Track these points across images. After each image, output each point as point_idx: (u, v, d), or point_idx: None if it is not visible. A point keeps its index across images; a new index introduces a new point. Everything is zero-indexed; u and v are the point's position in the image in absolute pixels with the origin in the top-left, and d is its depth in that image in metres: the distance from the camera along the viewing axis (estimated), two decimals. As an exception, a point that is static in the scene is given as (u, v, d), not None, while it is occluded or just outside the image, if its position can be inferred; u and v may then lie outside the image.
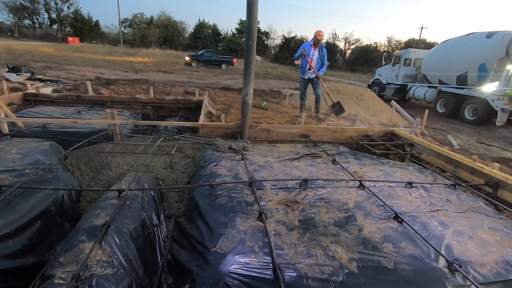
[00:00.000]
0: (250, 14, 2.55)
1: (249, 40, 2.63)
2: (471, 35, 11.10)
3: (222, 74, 20.00)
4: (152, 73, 16.15)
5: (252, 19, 2.56)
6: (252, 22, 2.57)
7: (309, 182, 1.94)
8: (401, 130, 3.60)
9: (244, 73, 2.76)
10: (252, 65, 2.74)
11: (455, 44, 11.59)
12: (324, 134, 3.32)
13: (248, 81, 2.75)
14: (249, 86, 2.78)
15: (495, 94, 9.38)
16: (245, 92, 2.80)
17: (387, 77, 14.75)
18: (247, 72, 2.73)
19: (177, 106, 4.77)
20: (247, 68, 2.73)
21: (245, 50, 2.73)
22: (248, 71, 2.73)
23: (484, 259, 1.34)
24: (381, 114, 8.70)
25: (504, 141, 7.93)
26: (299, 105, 6.63)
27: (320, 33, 5.75)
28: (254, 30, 2.62)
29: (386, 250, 1.31)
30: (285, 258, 1.22)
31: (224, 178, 1.95)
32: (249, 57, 2.70)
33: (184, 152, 2.64)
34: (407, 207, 1.75)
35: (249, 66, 2.72)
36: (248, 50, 2.68)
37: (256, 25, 2.63)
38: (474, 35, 10.97)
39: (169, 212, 1.94)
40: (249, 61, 2.71)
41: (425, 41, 36.36)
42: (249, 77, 2.74)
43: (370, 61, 33.17)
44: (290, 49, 43.02)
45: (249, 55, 2.69)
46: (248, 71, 2.73)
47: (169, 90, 9.30)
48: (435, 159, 2.86)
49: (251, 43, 2.64)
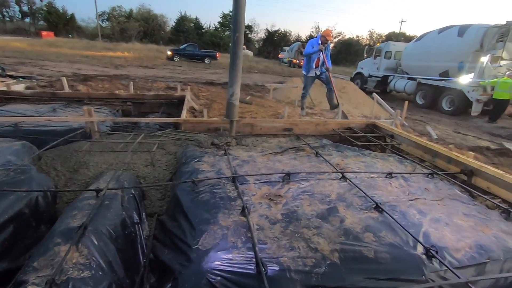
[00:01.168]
0: (236, 4, 2.33)
1: (236, 32, 2.40)
2: (445, 32, 11.32)
3: (205, 69, 19.73)
4: (132, 68, 15.70)
5: (238, 10, 2.34)
6: (239, 12, 2.35)
7: (292, 175, 1.95)
8: (382, 122, 3.68)
9: (230, 70, 2.48)
10: (239, 60, 2.47)
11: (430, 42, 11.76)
12: (307, 127, 3.34)
13: (234, 79, 2.46)
14: (236, 84, 2.48)
15: (471, 85, 9.76)
16: (231, 92, 2.50)
17: (369, 70, 15.03)
18: (234, 68, 2.45)
19: (158, 101, 4.67)
20: (233, 64, 2.46)
21: (231, 43, 2.46)
22: (235, 67, 2.45)
23: (459, 244, 1.39)
24: (363, 107, 8.87)
25: (479, 131, 8.29)
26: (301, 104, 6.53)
27: (329, 33, 5.68)
28: (241, 21, 2.38)
29: (367, 240, 1.34)
30: (268, 252, 1.22)
31: (207, 174, 1.92)
32: (236, 51, 2.44)
33: (166, 148, 2.58)
34: (387, 197, 1.79)
35: (235, 62, 2.45)
36: (235, 43, 2.43)
37: (244, 16, 2.39)
38: (447, 32, 11.18)
39: (151, 211, 1.90)
40: (235, 55, 2.45)
41: (404, 34, 37.24)
42: (235, 74, 2.45)
43: (352, 54, 33.65)
44: (273, 43, 42.91)
45: (236, 48, 2.44)
46: (234, 67, 2.45)
47: (150, 86, 9.08)
48: (414, 149, 2.94)
49: (238, 35, 2.40)
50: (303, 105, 6.37)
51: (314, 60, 5.69)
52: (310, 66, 5.80)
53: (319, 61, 5.66)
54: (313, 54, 5.61)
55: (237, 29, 2.40)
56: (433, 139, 6.21)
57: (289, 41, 43.84)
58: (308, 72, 5.92)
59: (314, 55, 5.64)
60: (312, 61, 5.71)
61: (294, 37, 47.01)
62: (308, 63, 5.82)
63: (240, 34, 2.41)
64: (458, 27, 10.79)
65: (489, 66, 9.66)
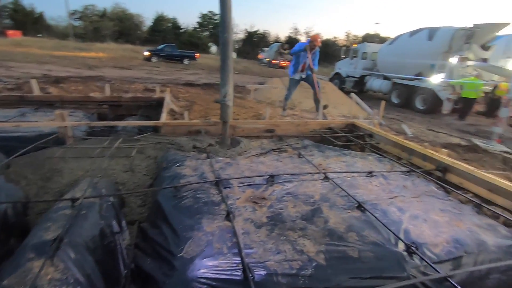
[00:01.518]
0: (223, 4, 2.34)
1: (224, 33, 2.39)
2: (416, 36, 11.78)
3: (184, 70, 19.43)
4: (107, 69, 15.16)
5: (225, 10, 2.35)
6: (226, 13, 2.35)
7: (275, 177, 1.95)
8: (361, 121, 3.78)
9: (221, 70, 2.49)
10: (230, 61, 2.47)
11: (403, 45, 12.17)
12: (289, 128, 3.37)
13: (226, 79, 2.47)
14: (228, 85, 2.48)
15: (441, 85, 10.28)
16: (224, 93, 2.49)
17: (347, 70, 15.42)
18: (225, 68, 2.46)
19: (136, 104, 4.53)
20: (224, 65, 2.46)
21: (220, 44, 2.48)
22: (226, 68, 2.46)
23: (437, 239, 1.45)
24: (342, 106, 9.07)
25: (449, 128, 8.73)
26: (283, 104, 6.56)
27: (317, 38, 5.73)
28: (229, 21, 2.39)
29: (351, 239, 1.36)
30: (254, 256, 1.21)
31: (189, 179, 1.88)
32: (226, 51, 2.45)
33: (146, 153, 2.51)
34: (369, 195, 1.84)
35: (226, 62, 2.46)
36: (224, 44, 2.43)
37: (231, 16, 2.40)
38: (418, 36, 11.64)
39: (132, 218, 1.83)
40: (225, 56, 2.45)
41: (379, 35, 38.60)
42: (227, 75, 2.46)
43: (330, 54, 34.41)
44: (253, 44, 43.05)
45: (226, 49, 2.44)
46: (225, 67, 2.46)
47: (128, 87, 8.81)
48: (392, 148, 3.04)
49: (227, 35, 2.40)
50: (285, 106, 6.43)
51: (300, 63, 5.75)
52: (296, 69, 5.86)
53: (305, 65, 5.73)
54: (299, 52, 5.68)
55: (225, 30, 2.41)
56: (408, 137, 6.47)
57: (268, 41, 44.17)
58: (293, 75, 5.98)
59: (301, 59, 5.70)
60: (298, 64, 5.78)
61: (273, 38, 47.44)
62: (295, 66, 5.88)
63: (229, 34, 2.42)
64: (427, 30, 11.29)
65: (458, 67, 10.22)
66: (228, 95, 2.53)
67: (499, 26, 10.10)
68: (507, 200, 1.98)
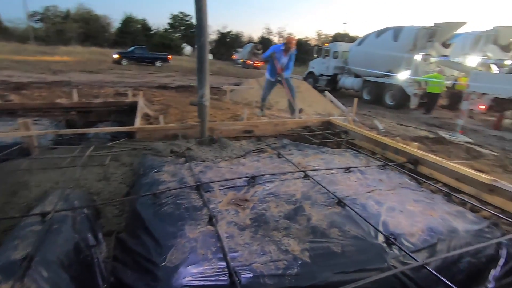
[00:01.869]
0: (199, 8, 2.42)
1: (201, 36, 2.49)
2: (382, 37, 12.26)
3: (157, 72, 18.94)
4: (74, 74, 14.42)
5: (201, 14, 2.43)
6: (202, 17, 2.44)
7: (257, 178, 1.95)
8: (336, 119, 3.88)
9: (197, 73, 2.61)
10: (206, 64, 2.60)
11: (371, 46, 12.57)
12: (267, 128, 3.39)
13: (203, 81, 2.61)
14: (205, 86, 2.64)
15: (408, 81, 10.83)
16: (201, 94, 2.65)
17: (320, 69, 15.79)
18: (201, 71, 2.59)
19: (108, 109, 4.34)
20: (201, 67, 2.59)
21: (197, 48, 2.58)
22: (202, 70, 2.59)
23: (413, 229, 1.51)
24: (317, 105, 9.27)
25: (417, 122, 9.21)
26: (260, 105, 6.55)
27: (292, 40, 5.74)
28: (204, 25, 2.48)
29: (333, 235, 1.39)
30: (240, 260, 1.20)
31: (168, 185, 1.83)
32: (202, 54, 2.56)
33: (121, 160, 2.41)
34: (348, 191, 1.89)
35: (203, 65, 2.58)
36: (200, 47, 2.54)
37: (207, 20, 2.50)
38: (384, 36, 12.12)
39: (108, 229, 1.74)
40: (202, 58, 2.57)
41: (348, 34, 39.94)
42: (203, 77, 2.60)
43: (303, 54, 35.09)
44: (226, 44, 42.87)
45: (202, 52, 2.55)
46: (202, 70, 2.59)
47: (97, 92, 8.43)
48: (366, 143, 3.15)
49: (203, 39, 2.50)
50: (262, 106, 6.45)
51: (277, 66, 5.77)
52: (272, 71, 5.87)
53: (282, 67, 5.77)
54: (268, 57, 5.72)
55: (201, 33, 2.49)
56: (381, 132, 6.74)
57: (242, 42, 44.21)
58: (270, 76, 6.01)
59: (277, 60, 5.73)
60: (275, 67, 5.79)
61: (247, 38, 47.56)
62: (271, 67, 5.89)
63: (205, 38, 2.52)
64: (392, 30, 11.81)
65: (422, 64, 10.82)
66: (205, 96, 2.66)
67: (457, 25, 10.83)
68: (472, 188, 2.12)
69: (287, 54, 5.71)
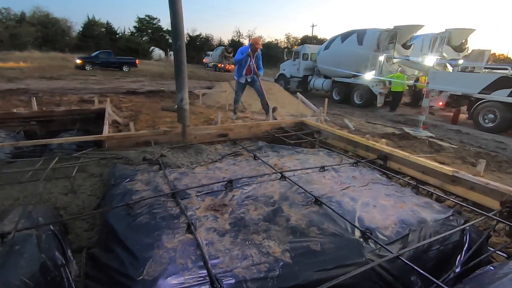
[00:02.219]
0: (174, 12, 2.43)
1: (177, 40, 2.51)
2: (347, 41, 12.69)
3: (125, 77, 18.22)
4: (32, 81, 13.46)
5: (177, 18, 2.44)
6: (178, 21, 2.45)
7: (234, 182, 1.93)
8: (308, 119, 3.97)
9: (176, 77, 2.61)
10: (184, 67, 2.60)
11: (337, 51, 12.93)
12: (242, 131, 3.38)
13: (181, 85, 2.61)
14: (184, 90, 2.63)
15: (373, 81, 11.38)
16: (180, 97, 2.65)
17: (290, 71, 16.11)
18: (180, 75, 2.59)
19: (72, 117, 4.10)
20: (179, 71, 2.59)
21: (174, 52, 2.59)
22: (181, 74, 2.59)
23: (386, 222, 1.58)
24: (289, 106, 9.43)
25: (384, 119, 9.69)
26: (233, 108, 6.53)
27: (258, 41, 5.82)
28: (181, 29, 2.50)
29: (312, 234, 1.41)
30: (221, 266, 1.18)
31: (143, 194, 1.76)
32: (180, 58, 2.57)
33: (89, 171, 2.28)
34: (324, 189, 1.93)
35: (181, 68, 2.58)
36: (178, 51, 2.55)
37: (183, 24, 2.50)
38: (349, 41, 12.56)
39: (78, 245, 1.64)
40: (180, 62, 2.57)
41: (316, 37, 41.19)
42: (182, 80, 2.60)
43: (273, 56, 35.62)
44: (196, 48, 42.32)
45: (179, 56, 2.56)
46: (180, 73, 2.59)
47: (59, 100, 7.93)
48: (338, 142, 3.26)
49: (180, 43, 2.51)
50: (235, 109, 6.44)
51: (245, 67, 5.82)
52: (240, 73, 5.91)
53: (250, 68, 5.82)
54: (242, 60, 5.75)
55: (178, 37, 2.51)
56: (351, 130, 7.00)
57: (212, 45, 43.91)
58: (239, 78, 6.03)
59: (244, 63, 5.77)
60: (243, 68, 5.84)
61: (217, 42, 47.34)
62: (239, 70, 5.92)
63: (182, 42, 2.53)
64: (356, 34, 12.31)
65: (385, 64, 11.43)
66: (184, 99, 2.67)
67: (416, 28, 11.58)
68: (437, 180, 2.26)
69: (254, 56, 5.82)
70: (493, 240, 1.87)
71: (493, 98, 8.14)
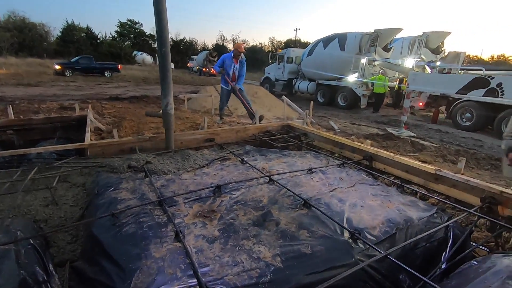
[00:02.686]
0: (159, 20, 2.48)
1: (163, 47, 2.56)
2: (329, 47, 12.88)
3: (107, 83, 17.82)
4: (8, 88, 12.95)
5: (162, 25, 2.50)
6: (163, 28, 2.51)
7: (222, 187, 1.91)
8: (295, 122, 4.00)
9: (161, 82, 2.65)
10: (169, 73, 2.65)
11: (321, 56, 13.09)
12: (229, 135, 3.37)
13: (167, 90, 2.66)
14: (169, 95, 2.67)
15: (356, 83, 11.64)
16: (166, 102, 2.68)
17: (275, 75, 16.24)
18: (165, 80, 2.64)
19: (52, 125, 3.96)
20: (164, 76, 2.63)
21: (159, 58, 2.64)
22: (166, 79, 2.64)
23: (374, 222, 1.61)
24: (275, 109, 9.50)
25: (368, 120, 9.91)
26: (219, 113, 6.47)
27: (241, 45, 5.75)
28: (166, 36, 2.56)
29: (303, 237, 1.41)
30: (211, 274, 1.15)
31: (128, 203, 1.71)
32: (165, 64, 2.61)
33: (71, 181, 2.20)
34: (312, 191, 1.94)
35: (166, 74, 2.63)
36: (163, 57, 2.59)
37: (168, 31, 2.57)
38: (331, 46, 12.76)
39: (61, 259, 1.57)
40: (165, 68, 2.62)
41: (300, 40, 41.76)
42: (167, 86, 2.65)
43: (258, 60, 35.82)
44: (180, 52, 41.97)
45: (165, 62, 2.61)
46: (165, 79, 2.64)
47: (38, 107, 7.64)
48: (325, 144, 3.29)
49: (165, 49, 2.57)
50: (221, 114, 6.41)
51: (230, 74, 5.77)
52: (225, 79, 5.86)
53: (235, 75, 5.78)
54: (222, 65, 5.73)
55: (163, 44, 2.56)
56: (336, 132, 7.11)
57: (196, 49, 43.70)
58: (224, 85, 5.99)
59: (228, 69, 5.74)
60: (229, 75, 5.79)
61: (201, 46, 47.16)
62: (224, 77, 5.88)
63: (166, 48, 2.57)
64: (337, 39, 12.52)
65: (367, 67, 11.72)
66: (169, 104, 2.70)
67: (395, 31, 11.95)
68: (420, 178, 2.33)
69: (238, 61, 5.78)
70: (475, 235, 1.94)
71: (469, 98, 8.50)
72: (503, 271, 1.13)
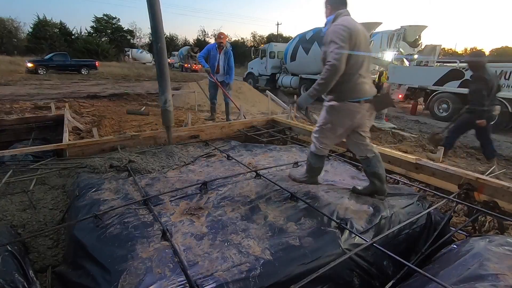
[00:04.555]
0: (153, 15, 2.43)
1: (158, 42, 2.52)
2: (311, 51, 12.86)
3: (84, 80, 17.14)
4: (-24, 88, 12.19)
5: (156, 20, 2.45)
6: (157, 23, 2.46)
7: (208, 184, 1.90)
8: (279, 117, 4.01)
9: (158, 79, 2.61)
10: (166, 69, 2.61)
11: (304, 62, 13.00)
12: (214, 131, 3.33)
13: (165, 87, 2.62)
14: (167, 91, 2.64)
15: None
16: (164, 99, 2.65)
17: (258, 70, 16.18)
18: (162, 76, 2.60)
19: (26, 126, 3.77)
20: (161, 73, 2.59)
21: (155, 54, 2.58)
22: (163, 76, 2.59)
23: (360, 212, 1.64)
24: (260, 104, 9.48)
25: (350, 113, 10.08)
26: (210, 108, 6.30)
27: (221, 35, 5.57)
28: (160, 31, 2.51)
29: (291, 229, 1.43)
30: (200, 271, 1.14)
31: (112, 203, 1.67)
32: (161, 60, 2.57)
33: (49, 183, 2.11)
34: (299, 185, 1.96)
35: (163, 70, 2.59)
36: (159, 53, 2.55)
37: (162, 26, 2.51)
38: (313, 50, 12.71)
39: (42, 264, 1.51)
40: (162, 64, 2.58)
41: (282, 35, 41.80)
42: (165, 82, 2.61)
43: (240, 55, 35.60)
44: (161, 48, 40.97)
45: (161, 58, 2.57)
46: (162, 75, 2.59)
47: (10, 108, 7.25)
48: (309, 137, 3.31)
49: (160, 45, 2.52)
50: (212, 109, 6.27)
51: (214, 66, 5.61)
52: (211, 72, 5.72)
53: (219, 67, 5.62)
54: (205, 57, 5.58)
55: (158, 39, 2.52)
56: (320, 125, 7.19)
57: (177, 45, 42.81)
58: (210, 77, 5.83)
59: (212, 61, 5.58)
60: (214, 66, 5.62)
61: (182, 41, 46.26)
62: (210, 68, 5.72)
63: (162, 44, 2.53)
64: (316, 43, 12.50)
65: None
66: (168, 101, 2.68)
67: (374, 25, 12.17)
68: (402, 168, 2.40)
69: (222, 51, 5.63)
70: (454, 220, 2.03)
71: (445, 89, 8.82)
72: (480, 254, 1.19)
